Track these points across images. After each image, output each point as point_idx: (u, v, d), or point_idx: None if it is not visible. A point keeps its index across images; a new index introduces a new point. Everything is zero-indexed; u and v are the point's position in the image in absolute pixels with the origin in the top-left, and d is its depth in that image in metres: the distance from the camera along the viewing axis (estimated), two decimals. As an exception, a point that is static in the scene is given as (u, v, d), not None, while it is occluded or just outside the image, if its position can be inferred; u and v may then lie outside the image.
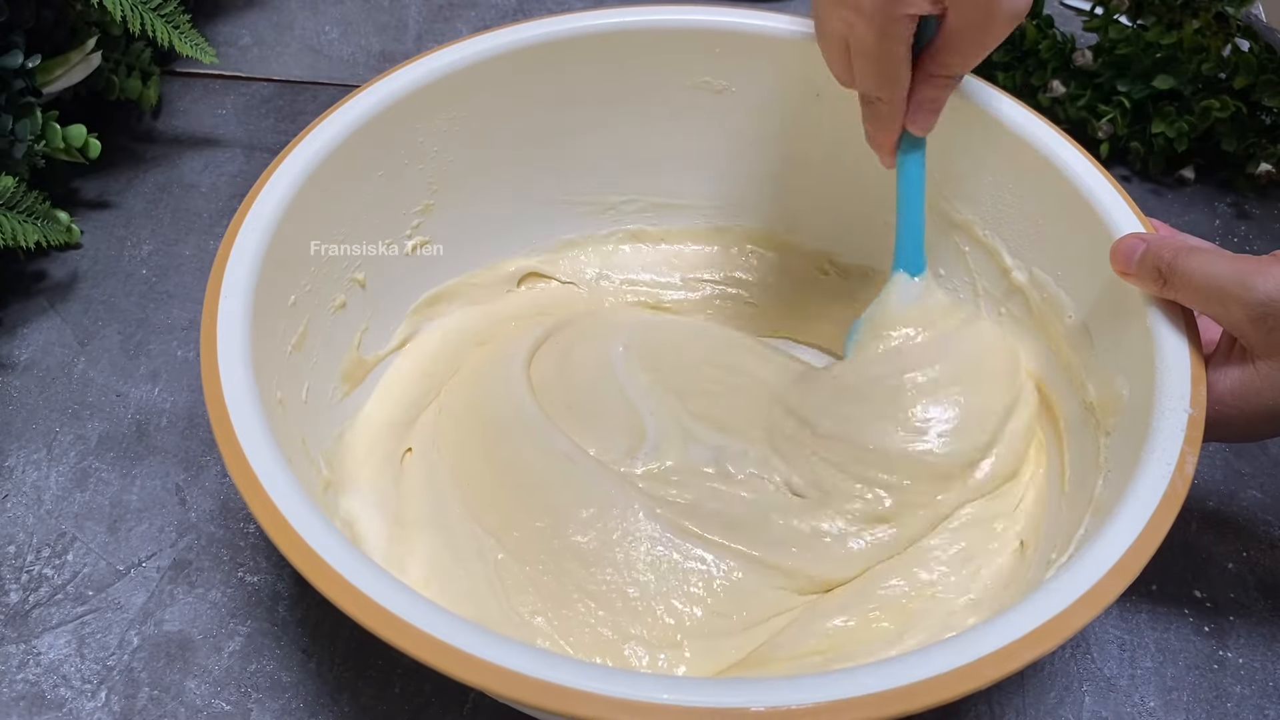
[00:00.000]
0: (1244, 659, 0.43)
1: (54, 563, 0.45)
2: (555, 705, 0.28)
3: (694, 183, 0.54)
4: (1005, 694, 0.42)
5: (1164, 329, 0.37)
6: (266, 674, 0.42)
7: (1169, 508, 0.33)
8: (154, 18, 0.56)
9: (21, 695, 0.41)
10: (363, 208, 0.46)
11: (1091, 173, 0.42)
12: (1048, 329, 0.45)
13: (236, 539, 0.46)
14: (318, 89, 0.67)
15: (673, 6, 0.49)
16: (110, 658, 0.42)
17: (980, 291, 0.49)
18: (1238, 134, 0.60)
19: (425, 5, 0.73)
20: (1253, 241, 0.59)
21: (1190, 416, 0.35)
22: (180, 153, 0.63)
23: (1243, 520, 0.48)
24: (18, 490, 0.47)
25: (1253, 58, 0.58)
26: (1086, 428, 0.41)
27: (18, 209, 0.52)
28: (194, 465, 0.48)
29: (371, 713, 0.41)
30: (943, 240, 0.50)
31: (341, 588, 0.30)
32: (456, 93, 0.47)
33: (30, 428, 0.50)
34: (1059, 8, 0.72)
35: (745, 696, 0.28)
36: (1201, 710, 0.42)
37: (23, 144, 0.52)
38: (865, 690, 0.28)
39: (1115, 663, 0.43)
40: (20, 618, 0.43)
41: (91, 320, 0.54)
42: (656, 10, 0.49)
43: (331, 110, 0.44)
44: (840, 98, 0.49)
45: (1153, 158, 0.62)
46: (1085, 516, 0.37)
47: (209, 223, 0.59)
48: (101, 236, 0.58)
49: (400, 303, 0.50)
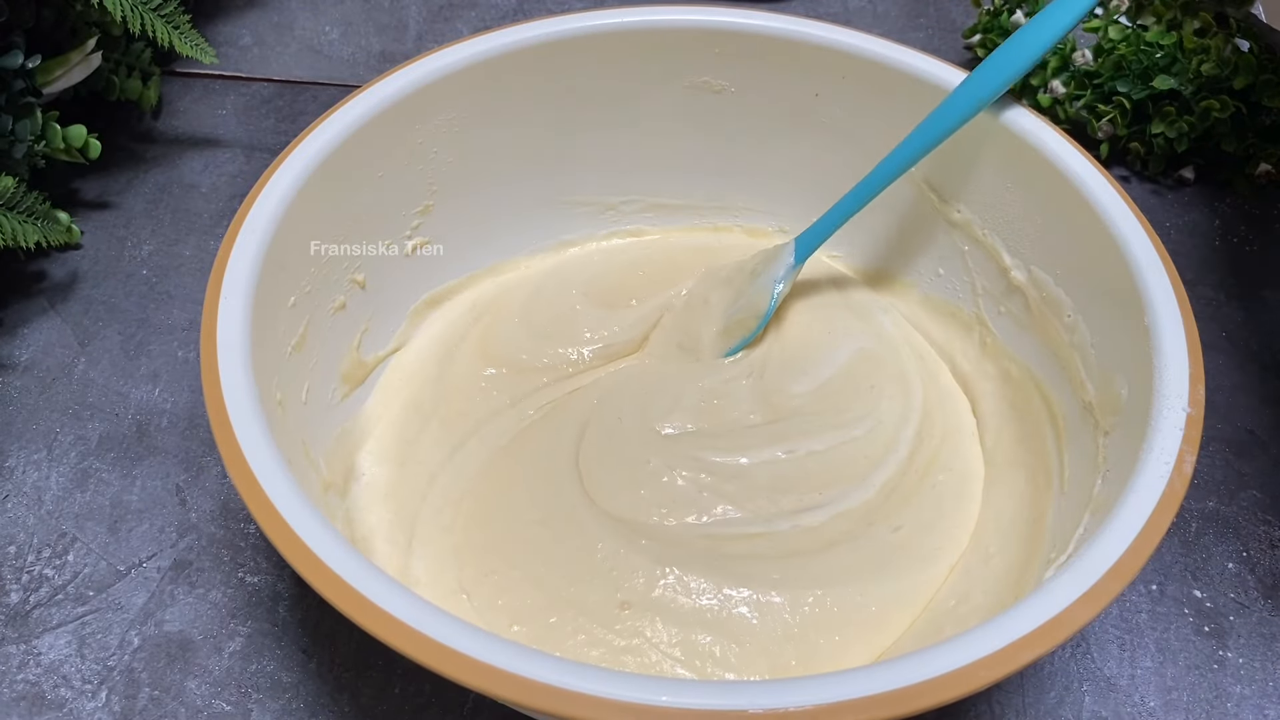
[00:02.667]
0: (1244, 659, 0.43)
1: (54, 563, 0.45)
2: (554, 707, 0.28)
3: (694, 183, 0.54)
4: (1005, 694, 0.42)
5: (1163, 328, 0.37)
6: (267, 674, 0.42)
7: (1168, 507, 0.33)
8: (154, 18, 0.56)
9: (22, 695, 0.41)
10: (363, 208, 0.46)
11: (1091, 173, 0.42)
12: (1047, 328, 0.45)
13: (237, 539, 0.46)
14: (318, 89, 0.67)
15: (672, 6, 0.49)
16: (110, 658, 0.42)
17: (979, 290, 0.49)
18: (1238, 134, 0.60)
19: (425, 5, 0.73)
20: (1253, 241, 0.59)
21: (1189, 415, 0.35)
22: (180, 153, 0.63)
23: (1243, 520, 0.48)
24: (18, 490, 0.47)
25: (1253, 58, 0.57)
26: (1085, 427, 0.41)
27: (18, 209, 0.52)
28: (194, 466, 0.48)
29: (372, 713, 0.41)
30: (942, 239, 0.50)
31: (340, 589, 0.30)
32: (456, 93, 0.47)
33: (30, 428, 0.50)
34: (1059, 7, 0.72)
35: (744, 699, 0.28)
36: (1201, 710, 0.42)
37: (23, 144, 0.52)
38: (865, 692, 0.28)
39: (1115, 663, 0.43)
40: (20, 618, 0.43)
41: (92, 320, 0.54)
42: (656, 10, 0.49)
43: (331, 110, 0.44)
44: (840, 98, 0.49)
45: (1153, 158, 0.62)
46: (1084, 516, 0.37)
47: (209, 223, 0.59)
48: (101, 237, 0.58)
49: (400, 303, 0.50)
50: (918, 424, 0.47)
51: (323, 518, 0.32)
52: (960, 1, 0.74)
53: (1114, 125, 0.60)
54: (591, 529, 0.43)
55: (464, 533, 0.43)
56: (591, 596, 0.41)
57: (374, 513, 0.44)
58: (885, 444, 0.47)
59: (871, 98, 0.49)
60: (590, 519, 0.44)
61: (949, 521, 0.44)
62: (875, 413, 0.48)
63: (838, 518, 0.44)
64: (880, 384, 0.49)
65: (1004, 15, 0.64)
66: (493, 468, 0.46)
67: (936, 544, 0.43)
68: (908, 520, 0.44)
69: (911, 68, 0.47)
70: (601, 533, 0.43)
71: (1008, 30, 0.63)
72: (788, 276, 0.50)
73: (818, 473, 0.46)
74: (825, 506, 0.44)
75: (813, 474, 0.45)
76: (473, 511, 0.44)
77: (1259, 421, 0.51)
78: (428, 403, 0.48)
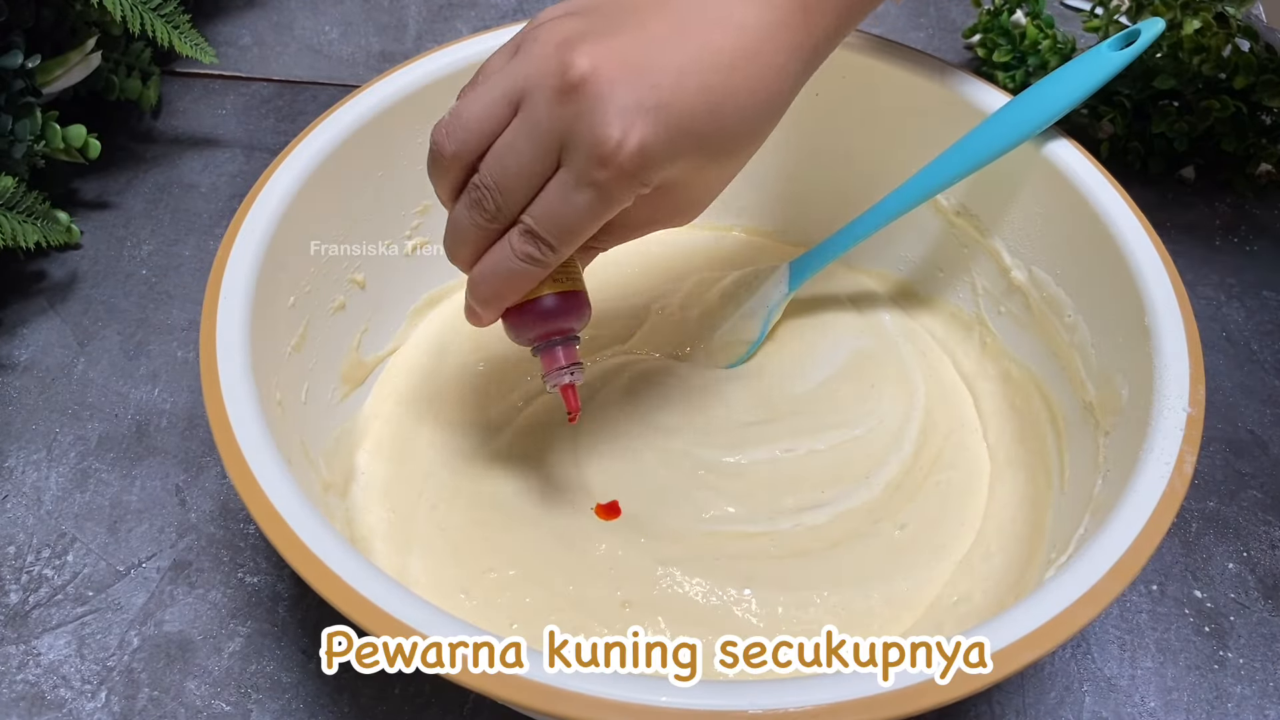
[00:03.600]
0: (1244, 659, 0.43)
1: (54, 563, 0.45)
2: (553, 708, 0.28)
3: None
4: (1005, 694, 0.42)
5: (1163, 328, 0.37)
6: (266, 675, 0.42)
7: (1168, 507, 0.33)
8: (154, 18, 0.56)
9: (21, 696, 0.41)
10: (362, 208, 0.46)
11: (1091, 173, 0.42)
12: (1047, 328, 0.45)
13: (236, 540, 0.46)
14: (318, 89, 0.67)
15: (672, 6, 0.49)
16: (110, 658, 0.42)
17: (979, 290, 0.49)
18: (1238, 134, 0.60)
19: (425, 5, 0.73)
20: (1253, 241, 0.59)
21: (1189, 416, 0.35)
22: (180, 153, 0.63)
23: (1243, 520, 0.48)
24: (18, 491, 0.47)
25: (1253, 58, 0.57)
26: (1086, 427, 0.41)
27: (17, 209, 0.52)
28: (194, 466, 0.48)
29: (371, 713, 0.41)
30: (942, 239, 0.50)
31: (340, 589, 0.30)
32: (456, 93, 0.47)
33: (30, 428, 0.50)
34: (1059, 8, 0.72)
35: (743, 699, 0.28)
36: (1201, 710, 0.42)
37: (22, 144, 0.52)
38: (865, 692, 0.28)
39: (1115, 663, 0.43)
40: (20, 618, 0.43)
41: (91, 320, 0.54)
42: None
43: (331, 110, 0.44)
44: (840, 98, 0.49)
45: (1153, 158, 0.61)
46: (1084, 516, 0.37)
47: (209, 223, 0.59)
48: (101, 237, 0.58)
49: (400, 303, 0.50)
50: (921, 421, 0.47)
51: (322, 518, 0.32)
52: (960, 1, 0.74)
53: (1114, 125, 0.60)
54: (590, 527, 0.43)
55: (461, 531, 0.43)
56: (591, 595, 0.41)
57: (373, 512, 0.44)
58: (887, 443, 0.47)
59: (871, 97, 0.48)
60: (589, 517, 0.44)
61: (954, 519, 0.44)
62: (876, 412, 0.48)
63: (841, 516, 0.44)
64: (880, 383, 0.49)
65: (1004, 15, 0.64)
66: (488, 464, 0.46)
67: (941, 542, 0.43)
68: (913, 518, 0.44)
69: (909, 67, 0.47)
70: (600, 531, 0.43)
71: (1008, 30, 0.63)
72: (780, 304, 0.50)
73: (819, 472, 0.45)
74: (828, 505, 0.44)
75: (814, 473, 0.45)
76: (469, 509, 0.44)
77: (1259, 421, 0.51)
78: (423, 399, 0.48)
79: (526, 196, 0.34)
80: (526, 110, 0.33)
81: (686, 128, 0.32)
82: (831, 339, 0.51)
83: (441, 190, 0.36)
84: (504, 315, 0.38)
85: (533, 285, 0.36)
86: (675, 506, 0.44)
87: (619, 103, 0.31)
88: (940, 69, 0.46)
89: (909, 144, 0.47)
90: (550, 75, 0.32)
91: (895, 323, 0.52)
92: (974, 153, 0.43)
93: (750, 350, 0.50)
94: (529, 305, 0.37)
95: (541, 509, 0.44)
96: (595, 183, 0.32)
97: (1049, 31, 0.62)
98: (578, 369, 0.39)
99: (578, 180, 0.32)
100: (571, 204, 0.33)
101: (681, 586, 0.41)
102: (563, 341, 0.38)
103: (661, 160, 0.32)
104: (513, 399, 0.48)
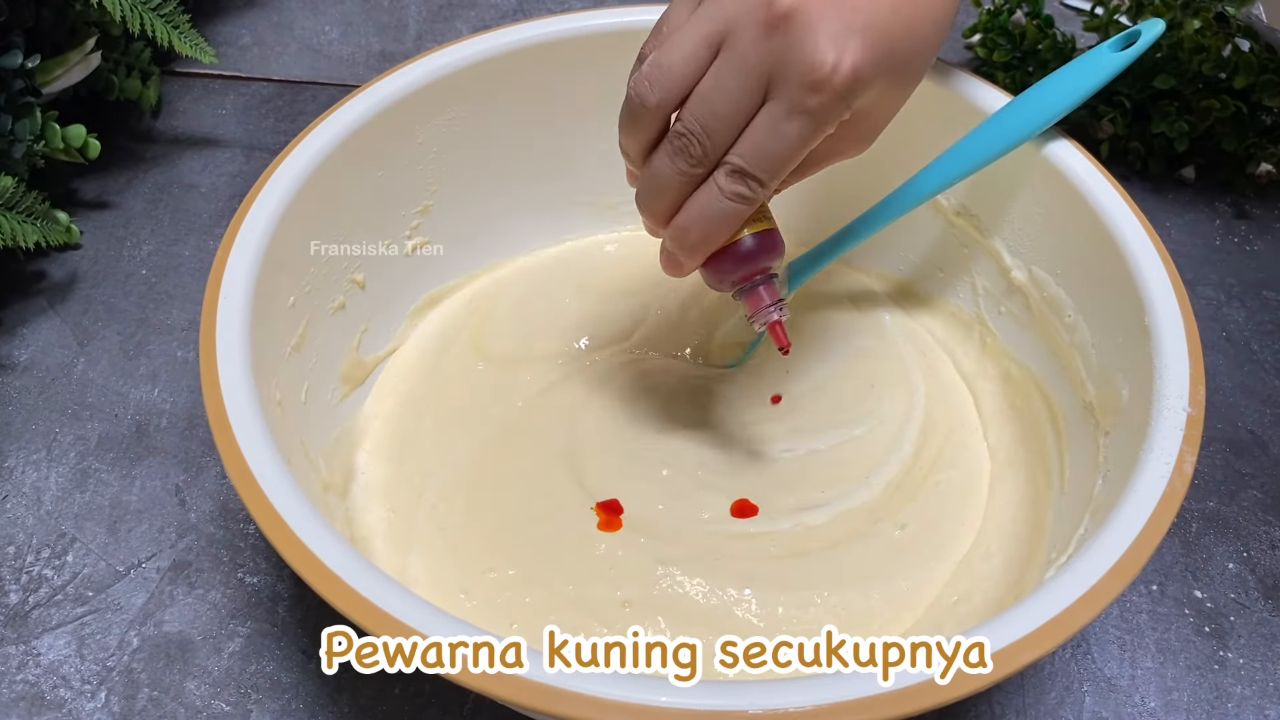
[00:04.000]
0: (1244, 659, 0.43)
1: (54, 563, 0.45)
2: (553, 708, 0.28)
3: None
4: (1005, 694, 0.42)
5: (1163, 328, 0.37)
6: (266, 675, 0.42)
7: (1168, 507, 0.33)
8: (154, 18, 0.56)
9: (21, 696, 0.41)
10: (363, 208, 0.46)
11: (1091, 172, 0.42)
12: (1047, 328, 0.45)
13: (236, 540, 0.46)
14: (318, 89, 0.67)
15: (672, 6, 0.49)
16: (110, 658, 0.42)
17: (979, 290, 0.49)
18: (1238, 134, 0.60)
19: (425, 5, 0.73)
20: (1253, 241, 0.59)
21: (1189, 416, 0.35)
22: (180, 153, 0.63)
23: (1243, 520, 0.48)
24: (17, 491, 0.47)
25: (1253, 58, 0.57)
26: (1086, 427, 0.41)
27: (17, 209, 0.52)
28: (194, 466, 0.48)
29: (371, 713, 0.41)
30: (942, 239, 0.50)
31: (340, 589, 0.30)
32: (456, 93, 0.47)
33: (30, 428, 0.50)
34: (1059, 8, 0.72)
35: (743, 699, 0.28)
36: (1201, 710, 0.42)
37: (22, 144, 0.52)
38: (865, 692, 0.28)
39: (1115, 663, 0.43)
40: (20, 618, 0.43)
41: (91, 320, 0.54)
42: (656, 10, 0.49)
43: (331, 110, 0.44)
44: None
45: (1153, 158, 0.61)
46: (1084, 516, 0.37)
47: (209, 223, 0.59)
48: (101, 237, 0.58)
49: (400, 303, 0.50)
50: (921, 421, 0.47)
51: (322, 518, 0.32)
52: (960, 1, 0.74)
53: (1114, 125, 0.60)
54: (590, 527, 0.43)
55: (461, 531, 0.43)
56: (591, 595, 0.41)
57: (373, 512, 0.44)
58: (887, 443, 0.47)
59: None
60: (589, 517, 0.44)
61: (954, 519, 0.44)
62: (877, 412, 0.48)
63: (842, 516, 0.44)
64: (880, 383, 0.49)
65: (1004, 15, 0.64)
66: (487, 463, 0.46)
67: (941, 542, 0.43)
68: (913, 518, 0.44)
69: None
70: (600, 531, 0.43)
71: (1008, 30, 0.63)
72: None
73: (819, 471, 0.45)
74: (828, 505, 0.44)
75: (814, 473, 0.45)
76: (469, 509, 0.44)
77: (1259, 421, 0.51)
78: (422, 399, 0.48)
79: (732, 137, 0.35)
80: (730, 49, 0.34)
81: (889, 48, 0.34)
82: (831, 339, 0.51)
83: (635, 145, 0.37)
84: (705, 262, 0.38)
85: (739, 225, 0.37)
86: (675, 506, 0.44)
87: (829, 29, 0.32)
88: (940, 69, 0.46)
89: (909, 144, 0.47)
90: (757, 9, 0.33)
91: (895, 322, 0.52)
92: (974, 154, 0.43)
93: (750, 350, 0.50)
94: (731, 248, 0.38)
95: (541, 509, 0.44)
96: (808, 109, 0.33)
97: (1049, 32, 0.62)
98: (783, 304, 0.40)
99: (789, 110, 0.33)
100: (781, 135, 0.34)
101: (681, 586, 0.41)
102: (764, 280, 0.39)
103: (870, 81, 0.34)
104: (513, 399, 0.48)
